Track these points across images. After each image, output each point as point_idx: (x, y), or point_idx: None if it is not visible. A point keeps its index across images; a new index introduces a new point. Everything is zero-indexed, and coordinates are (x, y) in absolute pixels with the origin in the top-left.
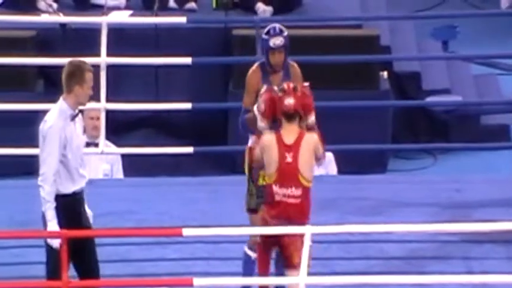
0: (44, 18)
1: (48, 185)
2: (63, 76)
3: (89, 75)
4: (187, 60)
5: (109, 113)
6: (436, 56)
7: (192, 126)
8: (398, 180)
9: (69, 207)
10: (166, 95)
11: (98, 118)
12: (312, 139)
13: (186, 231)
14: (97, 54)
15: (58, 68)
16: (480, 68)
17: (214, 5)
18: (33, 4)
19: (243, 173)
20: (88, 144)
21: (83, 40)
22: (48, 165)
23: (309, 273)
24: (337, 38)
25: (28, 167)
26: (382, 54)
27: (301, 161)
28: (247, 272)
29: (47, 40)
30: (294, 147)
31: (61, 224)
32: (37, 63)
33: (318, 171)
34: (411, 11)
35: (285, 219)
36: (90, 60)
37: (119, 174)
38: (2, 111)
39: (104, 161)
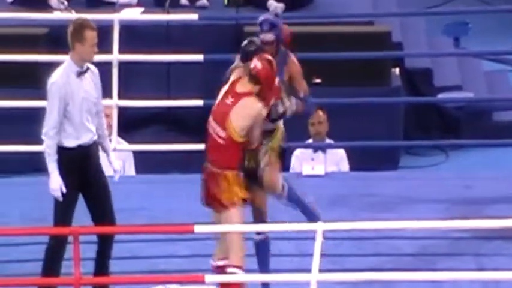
0: (56, 15)
1: (49, 139)
2: (68, 34)
3: (89, 34)
4: (199, 57)
5: (121, 109)
6: (448, 52)
7: (203, 123)
8: (410, 176)
9: (71, 161)
10: (178, 92)
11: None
12: (251, 103)
13: (198, 228)
14: (109, 51)
15: None
16: (491, 64)
17: (225, 1)
18: (45, 1)
19: None
20: None
21: None
22: (48, 121)
23: (321, 272)
24: (349, 35)
25: (39, 164)
26: (394, 50)
27: (235, 111)
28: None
29: (59, 37)
30: (237, 98)
31: (62, 176)
32: (49, 61)
33: (330, 167)
34: (423, 8)
35: (207, 159)
36: (102, 57)
37: (131, 171)
38: (14, 109)
39: (116, 157)
